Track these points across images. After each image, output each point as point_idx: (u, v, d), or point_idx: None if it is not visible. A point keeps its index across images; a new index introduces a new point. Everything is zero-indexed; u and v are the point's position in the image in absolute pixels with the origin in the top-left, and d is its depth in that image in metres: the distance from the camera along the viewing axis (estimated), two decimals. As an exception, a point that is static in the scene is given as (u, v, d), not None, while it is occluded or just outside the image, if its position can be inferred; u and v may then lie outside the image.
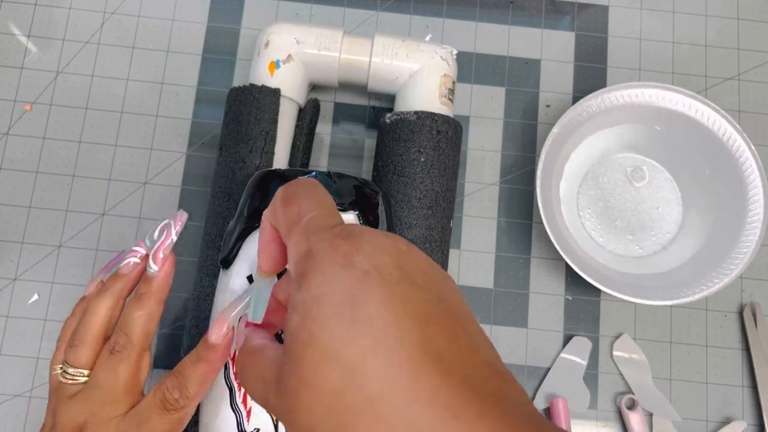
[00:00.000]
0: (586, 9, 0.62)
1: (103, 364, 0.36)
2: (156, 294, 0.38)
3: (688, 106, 0.54)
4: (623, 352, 0.55)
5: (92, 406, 0.36)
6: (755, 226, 0.51)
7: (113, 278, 0.39)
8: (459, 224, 0.57)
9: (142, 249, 0.39)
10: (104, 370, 0.36)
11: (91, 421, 0.35)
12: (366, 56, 0.52)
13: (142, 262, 0.39)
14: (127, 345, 0.36)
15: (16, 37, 0.59)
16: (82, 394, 0.36)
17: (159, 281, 0.38)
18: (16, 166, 0.57)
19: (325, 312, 0.24)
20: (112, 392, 0.36)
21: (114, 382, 0.36)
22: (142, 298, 0.37)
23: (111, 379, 0.36)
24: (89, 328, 0.37)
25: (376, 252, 0.25)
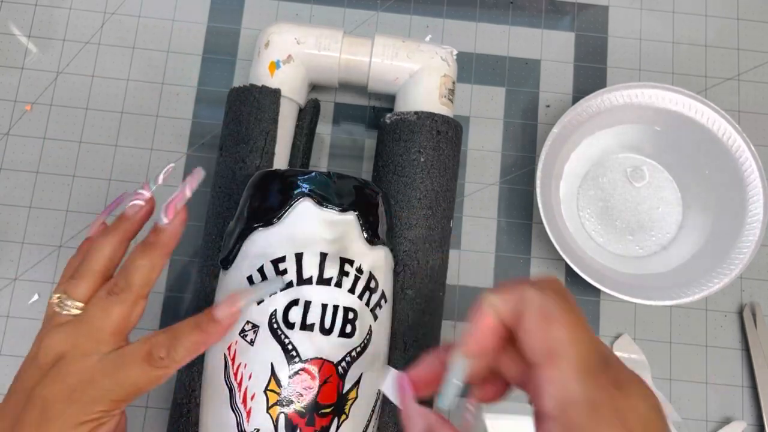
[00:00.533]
0: (586, 9, 0.62)
1: (98, 303, 0.37)
2: (163, 246, 0.37)
3: (688, 106, 0.54)
4: (623, 352, 0.55)
5: (77, 339, 0.36)
6: (755, 226, 0.51)
7: (119, 219, 0.39)
8: (459, 224, 0.57)
9: (146, 192, 0.39)
10: (98, 308, 0.37)
11: (72, 352, 0.35)
12: (366, 56, 0.52)
13: (146, 206, 0.39)
14: (126, 289, 0.36)
15: (17, 38, 0.59)
16: (71, 325, 0.36)
17: (168, 234, 0.38)
18: (17, 166, 0.57)
19: None
20: (100, 331, 0.36)
21: (104, 322, 0.36)
22: (149, 247, 0.37)
23: (102, 318, 0.36)
24: (91, 264, 0.38)
25: (648, 412, 0.27)
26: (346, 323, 0.41)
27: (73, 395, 0.34)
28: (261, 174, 0.45)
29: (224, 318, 0.36)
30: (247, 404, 0.39)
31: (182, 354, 0.36)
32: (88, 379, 0.35)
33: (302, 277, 0.40)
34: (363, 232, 0.43)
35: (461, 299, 0.56)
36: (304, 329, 0.40)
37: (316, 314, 0.40)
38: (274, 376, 0.39)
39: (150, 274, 0.37)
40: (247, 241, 0.42)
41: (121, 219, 0.39)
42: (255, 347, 0.40)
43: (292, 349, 0.39)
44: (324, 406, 0.39)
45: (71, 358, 0.35)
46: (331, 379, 0.39)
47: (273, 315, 0.40)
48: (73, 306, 0.37)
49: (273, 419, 0.38)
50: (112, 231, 0.38)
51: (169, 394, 0.53)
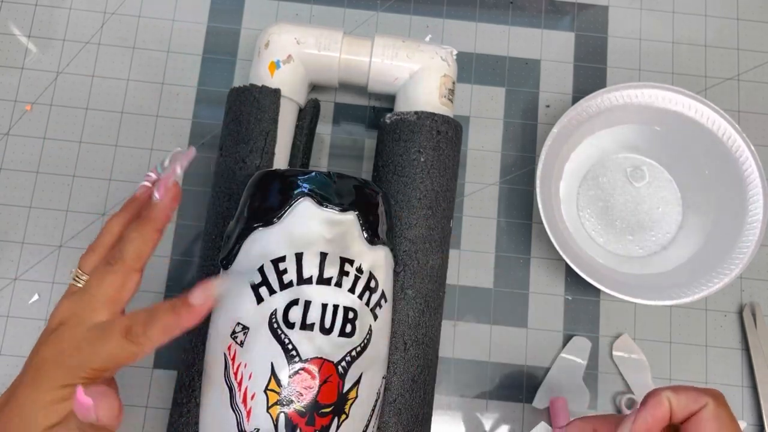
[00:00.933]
0: (586, 9, 0.62)
1: (95, 273, 0.39)
2: (154, 220, 0.39)
3: (688, 106, 0.54)
4: (623, 352, 0.55)
5: (76, 307, 0.38)
6: (755, 226, 0.51)
7: (130, 200, 0.42)
8: (459, 224, 0.57)
9: (153, 175, 0.42)
10: (95, 277, 0.39)
11: (71, 319, 0.38)
12: (366, 57, 0.52)
13: (152, 186, 0.42)
14: (119, 260, 0.39)
15: (17, 38, 0.59)
16: (76, 294, 0.39)
17: (159, 209, 0.40)
18: (17, 167, 0.57)
19: None
20: (94, 299, 0.38)
21: (98, 290, 0.38)
22: (141, 221, 0.40)
23: (96, 287, 0.39)
24: (102, 239, 0.41)
25: None
26: (346, 323, 0.41)
27: (60, 358, 0.37)
28: (261, 174, 0.45)
29: (197, 303, 0.37)
30: (247, 404, 0.39)
31: (156, 333, 0.37)
32: (75, 345, 0.37)
33: (302, 276, 0.40)
34: (363, 231, 0.43)
35: (461, 299, 0.56)
36: (304, 329, 0.40)
37: (316, 314, 0.40)
38: (274, 376, 0.39)
39: (142, 247, 0.39)
40: (247, 241, 0.43)
41: (131, 200, 0.42)
42: (255, 347, 0.40)
43: (292, 348, 0.39)
44: (324, 406, 0.39)
45: (68, 325, 0.38)
46: (331, 379, 0.39)
47: (273, 315, 0.40)
48: (83, 277, 0.40)
49: (273, 419, 0.38)
50: (123, 210, 0.42)
51: (169, 394, 0.53)
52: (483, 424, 0.54)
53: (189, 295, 0.37)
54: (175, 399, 0.47)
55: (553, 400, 0.53)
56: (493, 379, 0.54)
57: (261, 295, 0.40)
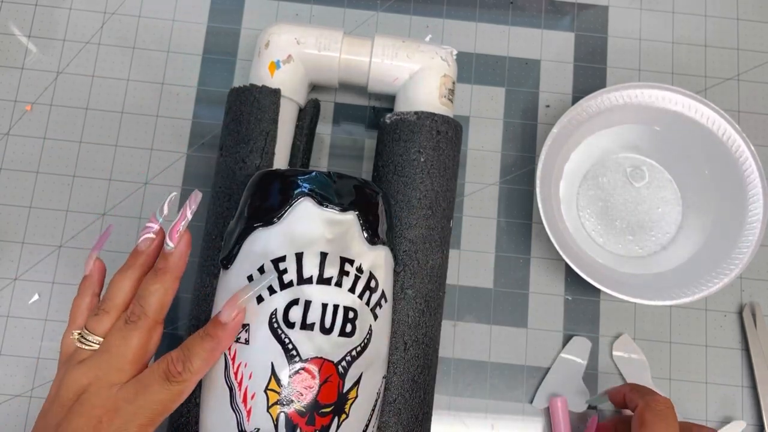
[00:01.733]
0: (586, 9, 0.62)
1: (117, 332, 0.38)
2: (172, 270, 0.39)
3: (688, 106, 0.54)
4: (623, 352, 0.55)
5: (98, 370, 0.37)
6: (755, 226, 0.51)
7: (134, 255, 0.41)
8: (459, 224, 0.57)
9: (154, 225, 0.41)
10: (117, 337, 0.38)
11: (95, 384, 0.37)
12: (366, 57, 0.52)
13: (157, 237, 0.41)
14: (142, 315, 0.38)
15: (17, 38, 0.59)
16: (92, 359, 0.38)
17: (175, 258, 0.39)
18: (17, 166, 0.57)
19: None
20: (120, 359, 0.37)
21: (124, 350, 0.37)
22: (159, 272, 0.39)
23: (122, 346, 0.37)
24: (115, 300, 0.39)
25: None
26: (347, 323, 0.41)
27: (99, 426, 0.35)
28: (261, 174, 0.45)
29: (228, 319, 0.38)
30: (248, 403, 0.39)
31: (198, 364, 0.37)
32: (112, 407, 0.36)
33: (302, 276, 0.40)
34: (363, 231, 0.43)
35: (461, 299, 0.56)
36: (304, 329, 0.40)
37: (317, 314, 0.40)
38: (275, 376, 0.39)
39: (164, 298, 0.39)
40: (248, 241, 0.43)
41: (135, 255, 0.41)
42: (255, 347, 0.40)
43: (293, 348, 0.39)
44: (324, 406, 0.39)
45: (94, 390, 0.36)
46: (331, 379, 0.39)
47: (273, 314, 0.40)
48: (94, 341, 0.38)
49: (273, 418, 0.38)
50: (130, 267, 0.40)
51: (169, 394, 0.53)
52: (483, 424, 0.54)
53: (219, 315, 0.38)
54: (175, 399, 0.47)
55: (553, 401, 0.53)
56: (493, 379, 0.54)
57: (261, 295, 0.40)
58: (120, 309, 0.39)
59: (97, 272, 0.42)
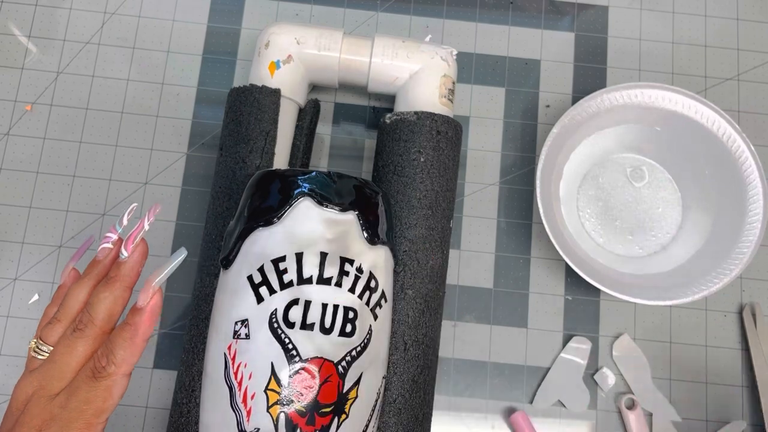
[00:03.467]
0: (586, 9, 0.62)
1: (63, 341, 0.38)
2: (123, 279, 0.38)
3: (688, 106, 0.54)
4: (623, 352, 0.55)
5: (42, 379, 0.37)
6: (755, 226, 0.51)
7: (92, 264, 0.40)
8: (459, 224, 0.57)
9: (113, 234, 0.40)
10: (62, 345, 0.37)
11: (37, 393, 0.36)
12: (366, 57, 0.52)
13: (115, 247, 0.40)
14: (89, 323, 0.37)
15: (17, 38, 0.59)
16: (39, 368, 0.37)
17: (127, 267, 0.38)
18: (17, 167, 0.57)
19: None
20: (63, 368, 0.37)
21: (68, 359, 0.37)
22: (110, 281, 0.38)
23: (66, 355, 0.37)
24: (67, 309, 0.39)
25: None
26: (346, 323, 0.41)
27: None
28: (261, 174, 0.45)
29: (145, 304, 0.37)
30: (248, 403, 0.39)
31: (121, 354, 0.36)
32: (48, 416, 0.36)
33: (302, 276, 0.40)
34: (363, 231, 0.43)
35: (461, 299, 0.56)
36: (304, 328, 0.40)
37: (316, 314, 0.40)
38: (275, 376, 0.39)
39: (113, 307, 0.38)
40: (248, 241, 0.42)
41: (93, 264, 0.40)
42: (255, 347, 0.40)
43: (293, 348, 0.39)
44: (324, 406, 0.39)
45: (35, 400, 0.36)
46: (331, 379, 0.39)
47: (273, 314, 0.40)
48: (46, 350, 0.38)
49: (273, 418, 0.38)
50: (86, 276, 0.40)
51: (169, 394, 0.53)
52: (483, 424, 0.54)
53: (135, 302, 0.37)
54: (175, 399, 0.47)
55: (513, 418, 0.53)
56: (493, 379, 0.54)
57: (261, 295, 0.40)
58: (72, 318, 0.39)
59: (71, 282, 0.42)
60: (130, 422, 0.53)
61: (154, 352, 0.54)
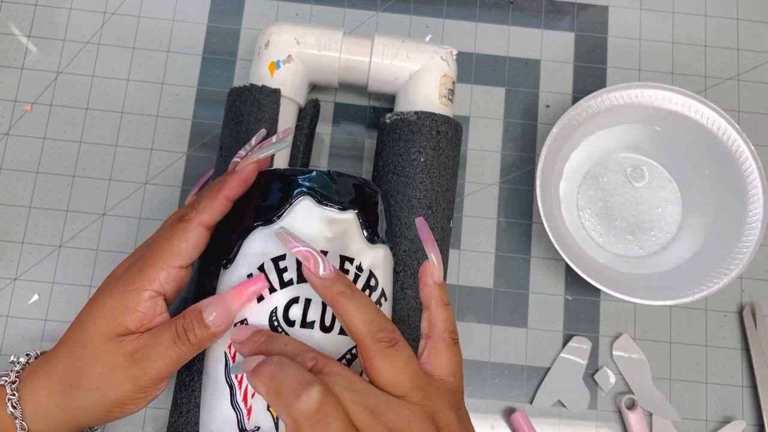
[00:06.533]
0: (586, 9, 0.62)
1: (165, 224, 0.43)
2: (226, 185, 0.42)
3: (688, 106, 0.54)
4: (623, 352, 0.55)
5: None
6: (755, 226, 0.51)
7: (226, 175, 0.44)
8: (459, 224, 0.57)
9: (243, 152, 0.46)
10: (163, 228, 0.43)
11: (140, 246, 0.45)
12: (366, 57, 0.52)
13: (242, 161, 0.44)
14: (190, 211, 0.41)
15: (17, 38, 0.59)
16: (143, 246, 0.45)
17: (233, 176, 0.42)
18: (17, 166, 0.57)
19: None
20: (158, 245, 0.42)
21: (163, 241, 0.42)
22: (214, 183, 0.43)
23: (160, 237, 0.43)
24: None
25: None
26: (347, 321, 0.41)
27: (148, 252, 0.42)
28: (261, 173, 0.45)
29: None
30: (248, 402, 0.39)
31: (203, 204, 0.41)
32: (138, 256, 0.43)
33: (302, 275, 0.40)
34: (363, 230, 0.43)
35: (461, 299, 0.56)
36: (304, 327, 0.39)
37: (317, 312, 0.40)
38: (275, 375, 0.39)
39: (210, 204, 0.41)
40: (248, 240, 0.42)
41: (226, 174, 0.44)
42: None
43: (293, 347, 0.39)
44: (324, 404, 0.39)
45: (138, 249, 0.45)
46: (331, 377, 0.39)
47: (273, 313, 0.40)
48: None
49: (274, 417, 0.38)
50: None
51: (169, 394, 0.53)
52: (483, 424, 0.54)
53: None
54: (175, 399, 0.47)
55: (513, 417, 0.52)
56: (493, 379, 0.54)
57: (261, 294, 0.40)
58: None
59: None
60: (130, 422, 0.53)
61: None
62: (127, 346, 0.39)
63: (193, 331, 0.38)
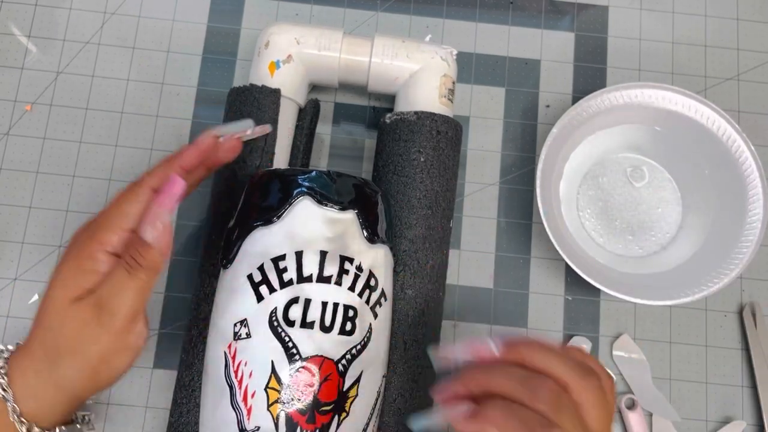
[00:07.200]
0: (586, 9, 0.62)
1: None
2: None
3: (688, 106, 0.54)
4: (623, 352, 0.55)
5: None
6: (755, 226, 0.51)
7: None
8: (459, 224, 0.57)
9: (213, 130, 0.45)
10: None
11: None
12: (366, 57, 0.52)
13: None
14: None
15: (17, 38, 0.59)
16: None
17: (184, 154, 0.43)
18: (17, 166, 0.57)
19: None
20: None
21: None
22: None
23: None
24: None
25: None
26: (346, 321, 0.41)
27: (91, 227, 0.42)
28: (261, 173, 0.45)
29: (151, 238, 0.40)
30: (248, 402, 0.39)
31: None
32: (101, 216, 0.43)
33: (302, 275, 0.40)
34: (363, 230, 0.43)
35: (461, 299, 0.56)
36: (304, 327, 0.40)
37: (316, 312, 0.40)
38: (275, 374, 0.39)
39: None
40: (248, 240, 0.42)
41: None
42: (255, 345, 0.40)
43: (293, 347, 0.39)
44: (324, 404, 0.39)
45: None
46: (331, 377, 0.39)
47: (273, 313, 0.40)
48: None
49: (273, 417, 0.38)
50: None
51: (169, 394, 0.53)
52: (483, 424, 0.54)
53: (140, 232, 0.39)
54: (175, 399, 0.47)
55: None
56: (493, 379, 0.54)
57: (261, 294, 0.40)
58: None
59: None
60: (130, 422, 0.53)
61: (154, 352, 0.54)
62: (90, 300, 0.38)
63: (140, 255, 0.38)
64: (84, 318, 0.38)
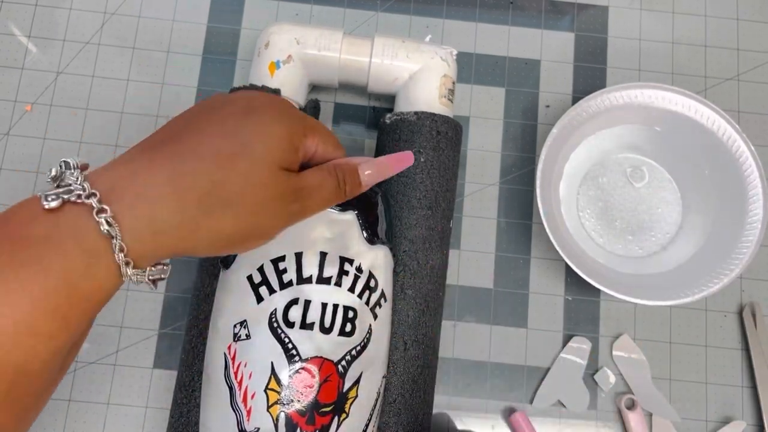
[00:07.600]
0: (586, 9, 0.62)
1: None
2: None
3: (688, 106, 0.54)
4: (623, 352, 0.55)
5: None
6: (755, 226, 0.51)
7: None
8: (459, 224, 0.57)
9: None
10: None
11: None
12: (366, 57, 0.52)
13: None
14: None
15: (17, 38, 0.59)
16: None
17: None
18: (17, 167, 0.57)
19: None
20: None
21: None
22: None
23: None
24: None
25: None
26: (346, 322, 0.41)
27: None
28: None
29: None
30: (248, 403, 0.39)
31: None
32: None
33: (302, 276, 0.40)
34: (362, 231, 0.43)
35: (461, 299, 0.56)
36: (303, 328, 0.40)
37: (316, 313, 0.40)
38: (274, 375, 0.39)
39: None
40: (247, 241, 0.42)
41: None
42: (255, 346, 0.40)
43: (292, 348, 0.39)
44: (324, 405, 0.39)
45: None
46: (331, 378, 0.39)
47: (273, 314, 0.40)
48: None
49: (273, 418, 0.38)
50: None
51: (169, 394, 0.53)
52: (483, 424, 0.54)
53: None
54: (175, 399, 0.47)
55: (513, 418, 0.52)
56: (493, 379, 0.54)
57: (261, 295, 0.40)
58: None
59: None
60: (130, 422, 0.53)
61: (154, 352, 0.54)
62: (293, 181, 0.35)
63: (350, 183, 0.38)
64: (283, 194, 0.34)
